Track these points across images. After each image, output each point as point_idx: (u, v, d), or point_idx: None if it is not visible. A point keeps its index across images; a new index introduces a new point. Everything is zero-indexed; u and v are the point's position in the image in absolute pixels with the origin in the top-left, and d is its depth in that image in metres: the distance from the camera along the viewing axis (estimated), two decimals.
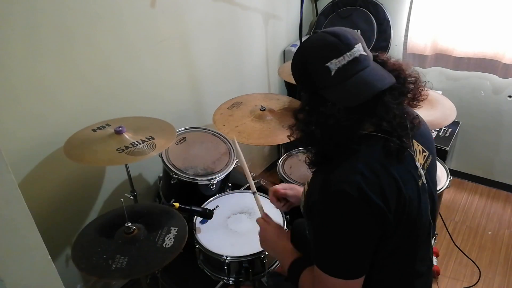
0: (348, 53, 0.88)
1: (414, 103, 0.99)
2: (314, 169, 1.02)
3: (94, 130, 1.50)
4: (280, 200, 1.30)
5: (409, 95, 0.97)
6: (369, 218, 0.86)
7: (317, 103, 0.91)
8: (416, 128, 0.98)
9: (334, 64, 0.87)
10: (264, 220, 1.23)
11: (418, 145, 0.99)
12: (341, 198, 0.86)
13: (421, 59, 2.48)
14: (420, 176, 0.97)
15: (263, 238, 1.21)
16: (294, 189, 1.30)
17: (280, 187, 1.30)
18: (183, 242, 1.33)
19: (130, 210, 1.38)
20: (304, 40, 0.96)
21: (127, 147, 1.41)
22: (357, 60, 0.89)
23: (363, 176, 0.86)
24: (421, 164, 0.98)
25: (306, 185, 1.05)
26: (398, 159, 0.91)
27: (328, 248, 0.91)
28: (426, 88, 1.01)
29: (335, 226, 0.89)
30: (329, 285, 0.91)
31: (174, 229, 1.37)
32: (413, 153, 0.96)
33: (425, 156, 1.01)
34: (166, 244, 1.31)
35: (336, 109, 0.87)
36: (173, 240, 1.33)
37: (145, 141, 1.45)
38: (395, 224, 0.89)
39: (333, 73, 0.88)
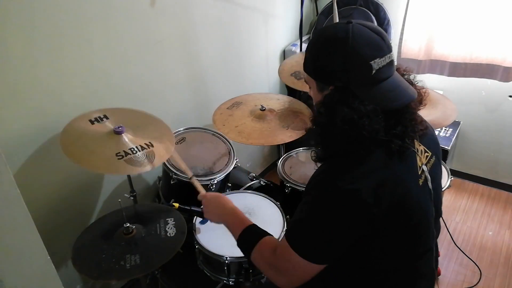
0: (388, 55, 0.88)
1: (420, 107, 1.00)
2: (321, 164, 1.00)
3: (92, 122, 1.45)
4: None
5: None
6: (360, 217, 0.87)
7: (348, 99, 0.87)
8: (424, 133, 1.00)
9: (376, 64, 0.86)
10: (203, 195, 1.28)
11: (419, 145, 0.99)
12: (346, 195, 0.86)
13: (416, 64, 2.46)
14: (421, 175, 0.96)
15: (207, 210, 1.24)
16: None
17: None
18: (185, 228, 1.38)
19: (127, 211, 1.38)
20: (339, 30, 0.88)
21: (126, 153, 1.37)
22: (391, 64, 0.90)
23: (371, 179, 0.86)
24: (422, 163, 0.98)
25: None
26: (400, 158, 0.91)
27: (308, 230, 0.91)
28: (425, 88, 1.02)
29: (326, 215, 0.89)
30: (293, 262, 0.91)
31: (171, 219, 1.42)
32: (415, 152, 0.96)
33: (427, 156, 1.01)
34: (169, 234, 1.35)
35: (372, 109, 0.86)
36: (174, 228, 1.38)
37: (144, 148, 1.42)
38: (388, 223, 0.89)
39: (373, 72, 0.87)
